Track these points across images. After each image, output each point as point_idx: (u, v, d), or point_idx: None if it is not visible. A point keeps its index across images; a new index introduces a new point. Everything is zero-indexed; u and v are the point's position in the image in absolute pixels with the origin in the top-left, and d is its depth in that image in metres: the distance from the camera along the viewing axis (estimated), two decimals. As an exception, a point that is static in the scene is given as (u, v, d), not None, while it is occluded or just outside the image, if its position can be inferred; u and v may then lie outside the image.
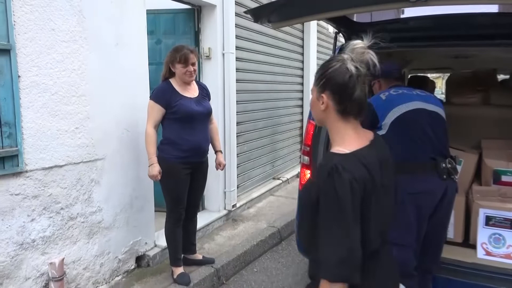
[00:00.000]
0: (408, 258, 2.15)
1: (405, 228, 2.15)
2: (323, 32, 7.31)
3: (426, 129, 2.25)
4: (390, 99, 2.34)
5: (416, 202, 2.15)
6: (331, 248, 1.13)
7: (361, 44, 1.26)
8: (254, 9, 2.38)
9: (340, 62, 1.24)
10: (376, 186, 1.19)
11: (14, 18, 2.23)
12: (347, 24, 2.86)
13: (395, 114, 2.25)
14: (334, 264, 1.11)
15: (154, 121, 2.79)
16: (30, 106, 2.34)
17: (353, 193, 1.12)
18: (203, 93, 2.98)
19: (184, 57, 2.76)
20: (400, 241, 2.10)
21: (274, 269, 3.51)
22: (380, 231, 1.25)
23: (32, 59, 2.33)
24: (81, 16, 2.60)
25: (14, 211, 2.31)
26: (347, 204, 1.11)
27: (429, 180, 2.18)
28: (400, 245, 2.08)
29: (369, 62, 1.24)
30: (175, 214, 2.94)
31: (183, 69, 2.78)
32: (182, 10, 3.99)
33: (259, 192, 5.10)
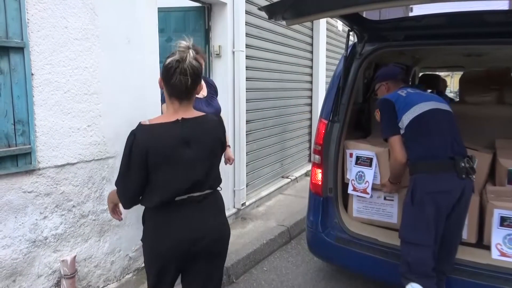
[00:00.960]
0: (427, 258, 2.13)
1: (424, 228, 2.14)
2: (332, 30, 7.27)
3: (444, 128, 2.26)
4: (409, 96, 2.36)
5: (435, 201, 2.14)
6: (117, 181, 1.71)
7: (183, 44, 1.63)
8: (269, 5, 2.37)
9: (173, 56, 1.62)
10: (166, 154, 1.60)
11: (28, 16, 2.23)
12: (360, 22, 2.84)
13: (415, 112, 2.26)
14: (119, 190, 1.73)
15: None
16: (43, 104, 2.35)
17: (131, 152, 1.60)
18: (211, 91, 2.98)
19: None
20: (420, 241, 2.11)
21: (284, 268, 3.50)
22: (172, 190, 1.63)
23: (45, 57, 2.34)
24: (93, 14, 2.60)
25: (27, 208, 2.32)
26: (125, 158, 1.63)
27: (449, 179, 2.17)
28: (420, 245, 2.11)
29: (186, 59, 1.61)
30: None
31: None
32: (193, 8, 3.98)
33: (268, 191, 5.09)
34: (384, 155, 2.65)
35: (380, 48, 2.92)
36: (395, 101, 2.32)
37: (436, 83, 5.50)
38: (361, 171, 2.71)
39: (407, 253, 2.19)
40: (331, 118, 2.92)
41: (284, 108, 5.56)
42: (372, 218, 2.92)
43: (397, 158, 2.30)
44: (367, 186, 2.68)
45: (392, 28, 2.94)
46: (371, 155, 2.68)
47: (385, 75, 2.70)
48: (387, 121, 2.34)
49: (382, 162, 2.66)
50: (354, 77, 2.96)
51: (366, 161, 2.68)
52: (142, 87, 3.02)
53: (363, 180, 2.70)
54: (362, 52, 2.94)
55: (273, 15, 2.47)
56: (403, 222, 2.28)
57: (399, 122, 2.29)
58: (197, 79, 1.67)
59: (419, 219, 2.16)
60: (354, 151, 2.81)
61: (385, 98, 2.40)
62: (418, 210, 2.17)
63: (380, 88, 2.69)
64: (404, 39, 2.84)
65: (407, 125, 2.25)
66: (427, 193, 2.12)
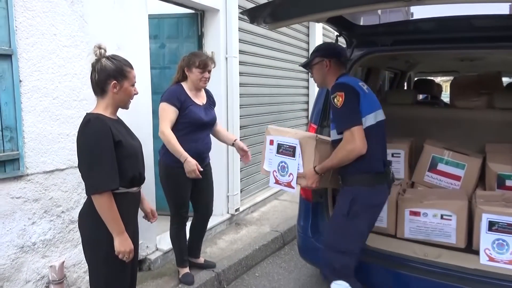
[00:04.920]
0: (352, 264, 2.21)
1: (355, 239, 2.20)
2: (328, 36, 7.29)
3: (383, 139, 2.26)
4: (371, 96, 2.22)
5: (370, 214, 2.22)
6: None
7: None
8: (250, 9, 2.38)
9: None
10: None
11: (16, 23, 2.26)
12: (348, 27, 2.86)
13: (374, 120, 2.16)
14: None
15: (170, 121, 2.71)
16: (31, 110, 2.37)
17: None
18: (210, 101, 3.00)
19: (204, 63, 2.77)
20: (349, 250, 2.18)
21: (276, 274, 3.49)
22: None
23: (33, 64, 2.36)
24: (82, 21, 2.63)
25: (15, 214, 2.33)
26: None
27: (383, 191, 2.25)
28: (348, 253, 2.19)
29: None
30: (177, 218, 2.95)
31: (200, 74, 2.78)
32: (186, 14, 4.02)
33: (263, 196, 5.09)
34: (309, 143, 2.25)
35: (369, 53, 2.93)
36: (360, 94, 2.11)
37: (430, 88, 5.53)
38: (283, 161, 2.32)
39: (335, 260, 2.21)
40: (320, 122, 2.93)
41: (279, 113, 5.57)
42: (362, 223, 2.91)
43: (358, 148, 2.03)
44: (291, 180, 2.30)
45: (380, 33, 2.96)
46: (294, 143, 2.27)
47: (331, 51, 2.31)
48: (353, 109, 2.06)
49: (306, 151, 2.25)
50: (343, 82, 2.97)
51: (289, 150, 2.30)
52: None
53: (286, 172, 2.32)
54: (351, 57, 2.96)
55: (255, 19, 2.47)
56: (334, 231, 2.26)
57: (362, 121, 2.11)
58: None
59: (352, 231, 2.17)
60: (275, 137, 2.42)
61: (351, 85, 2.11)
62: (352, 222, 2.15)
63: (320, 63, 2.29)
64: (392, 44, 2.86)
65: (364, 129, 2.09)
66: (365, 206, 2.13)
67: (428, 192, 2.98)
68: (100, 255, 1.82)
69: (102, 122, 1.76)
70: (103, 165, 1.73)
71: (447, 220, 2.62)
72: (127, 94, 1.88)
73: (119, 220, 1.77)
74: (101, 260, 1.83)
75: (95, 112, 1.82)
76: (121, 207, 1.79)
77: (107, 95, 1.84)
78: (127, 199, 1.87)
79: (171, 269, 3.24)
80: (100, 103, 1.86)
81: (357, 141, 2.03)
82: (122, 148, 1.79)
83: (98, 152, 1.72)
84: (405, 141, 3.30)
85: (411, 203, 2.75)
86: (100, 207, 1.75)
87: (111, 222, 1.76)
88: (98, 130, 1.73)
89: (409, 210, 2.73)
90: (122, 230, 1.79)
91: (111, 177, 1.74)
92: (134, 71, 1.90)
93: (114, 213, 1.76)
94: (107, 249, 1.79)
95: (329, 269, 2.26)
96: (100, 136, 1.73)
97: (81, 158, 1.77)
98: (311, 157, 2.23)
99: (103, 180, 1.72)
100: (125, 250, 1.79)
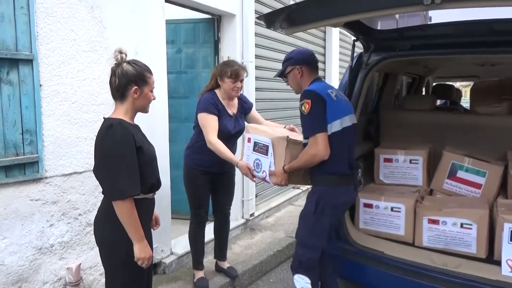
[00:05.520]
0: (317, 258, 2.33)
1: (321, 235, 2.31)
2: (345, 40, 7.25)
3: (349, 143, 2.35)
4: (339, 102, 2.29)
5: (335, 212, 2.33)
6: None
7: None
8: (267, 14, 2.38)
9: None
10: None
11: (37, 29, 2.31)
12: (365, 31, 2.83)
13: (340, 126, 2.23)
14: None
15: (214, 130, 2.70)
16: (51, 114, 2.41)
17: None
18: (241, 109, 2.98)
19: (235, 73, 2.76)
20: (315, 245, 2.31)
21: (290, 280, 3.42)
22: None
23: (53, 69, 2.41)
24: (101, 26, 2.67)
25: (33, 216, 2.37)
26: None
27: (348, 191, 2.35)
28: (314, 248, 2.31)
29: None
30: (196, 218, 2.98)
31: (231, 84, 2.77)
32: (202, 19, 4.05)
33: (278, 202, 5.06)
34: (281, 143, 2.36)
35: (387, 58, 2.90)
36: (327, 102, 2.19)
37: (450, 94, 5.43)
38: (258, 158, 2.47)
39: (302, 255, 2.36)
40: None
41: (295, 118, 5.53)
42: (379, 230, 2.87)
43: (320, 153, 2.16)
44: (265, 176, 2.46)
45: (398, 37, 2.92)
46: (268, 142, 2.40)
47: (302, 58, 2.38)
48: (318, 116, 2.17)
49: (277, 150, 2.38)
50: (360, 87, 2.94)
51: (263, 149, 2.43)
52: (150, 97, 3.06)
53: (260, 169, 2.46)
54: (368, 62, 2.93)
55: (271, 24, 2.47)
56: (303, 228, 2.38)
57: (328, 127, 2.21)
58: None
59: (318, 227, 2.29)
60: (252, 135, 2.54)
61: (318, 93, 2.20)
62: (319, 219, 2.28)
63: (292, 71, 2.38)
64: (410, 49, 2.82)
65: (330, 135, 2.19)
66: (330, 205, 2.26)
67: (447, 200, 2.92)
68: (118, 260, 1.81)
69: (125, 127, 1.75)
70: (126, 170, 1.71)
71: (467, 229, 2.55)
72: (146, 100, 1.87)
73: (139, 226, 1.76)
74: (119, 265, 1.82)
75: (116, 117, 1.80)
76: (140, 213, 1.78)
77: (126, 100, 1.82)
78: (145, 205, 1.87)
79: (186, 273, 3.24)
80: (120, 108, 1.84)
81: (319, 147, 2.16)
82: (142, 154, 1.78)
83: (121, 158, 1.71)
84: (423, 148, 3.24)
85: (430, 211, 2.69)
86: (122, 213, 1.72)
87: (131, 228, 1.74)
88: (121, 135, 1.72)
89: (427, 218, 2.67)
90: (142, 236, 1.78)
91: (134, 183, 1.73)
92: (153, 77, 1.90)
93: (135, 220, 1.74)
94: (125, 254, 1.79)
95: (295, 261, 2.41)
96: (123, 142, 1.72)
97: (104, 163, 1.75)
98: (282, 156, 2.35)
99: (127, 186, 1.71)
100: (145, 257, 1.78)
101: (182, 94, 4.17)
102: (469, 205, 2.71)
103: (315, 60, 2.41)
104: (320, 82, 2.38)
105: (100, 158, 1.77)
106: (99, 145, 1.77)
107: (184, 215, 4.06)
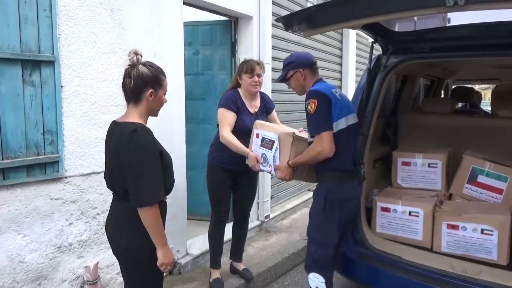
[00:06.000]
0: (329, 255, 2.36)
1: (331, 230, 2.33)
2: (362, 42, 7.19)
3: (353, 140, 2.43)
4: (342, 102, 2.34)
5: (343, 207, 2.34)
6: None
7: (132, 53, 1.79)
8: (285, 16, 2.38)
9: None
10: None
11: (59, 31, 2.36)
12: (384, 33, 2.80)
13: (344, 124, 2.30)
14: None
15: (229, 125, 2.79)
16: (71, 115, 2.46)
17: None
18: (263, 108, 3.03)
19: (250, 67, 2.85)
20: (326, 241, 2.34)
21: (306, 284, 3.40)
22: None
23: (74, 70, 2.45)
24: (121, 28, 2.70)
25: (53, 215, 2.42)
26: None
27: (353, 187, 2.41)
28: (325, 245, 2.34)
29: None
30: (215, 215, 3.03)
31: (249, 79, 2.85)
32: (220, 21, 4.07)
33: (293, 204, 5.04)
34: (287, 139, 2.47)
35: (406, 60, 2.85)
36: (332, 102, 2.26)
37: (470, 96, 5.32)
38: (264, 153, 2.58)
39: (314, 251, 2.39)
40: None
41: (311, 120, 5.51)
42: (396, 234, 2.82)
43: (325, 151, 2.23)
44: (271, 170, 2.58)
45: (418, 39, 2.87)
46: (274, 138, 2.52)
47: (303, 62, 2.44)
48: (324, 115, 2.24)
49: (283, 146, 2.49)
50: (378, 90, 2.91)
51: (269, 144, 2.55)
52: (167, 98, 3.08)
53: (267, 163, 2.58)
54: (387, 64, 2.89)
55: (290, 26, 2.47)
56: (313, 224, 2.41)
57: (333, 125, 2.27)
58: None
59: (328, 223, 2.33)
60: (260, 131, 2.66)
61: (324, 93, 2.26)
62: (329, 215, 2.32)
63: (295, 75, 2.44)
64: (431, 51, 2.77)
65: (335, 133, 2.26)
66: (337, 200, 2.30)
67: (467, 205, 2.86)
68: (141, 267, 1.79)
69: (149, 133, 1.72)
70: (154, 176, 1.69)
71: (488, 235, 2.49)
72: (159, 103, 1.84)
73: (163, 231, 1.75)
74: (141, 273, 1.80)
75: (135, 121, 1.74)
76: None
77: (141, 103, 1.77)
78: (163, 208, 1.84)
79: (201, 274, 3.26)
80: (133, 111, 1.78)
81: (325, 145, 2.23)
82: (163, 159, 1.76)
83: (149, 164, 1.68)
84: (442, 151, 3.18)
85: (449, 216, 2.64)
86: (150, 219, 1.69)
87: (158, 234, 1.72)
88: (147, 141, 1.70)
89: (446, 223, 2.62)
90: (166, 241, 1.76)
91: (160, 188, 1.71)
92: (167, 80, 1.87)
93: (160, 225, 1.72)
94: (148, 261, 1.77)
95: (309, 260, 2.44)
96: (149, 148, 1.70)
97: (130, 169, 1.68)
98: (287, 152, 2.45)
99: (156, 192, 1.69)
100: (168, 262, 1.76)
101: (199, 96, 4.20)
102: (490, 211, 2.65)
103: (315, 62, 2.48)
104: (323, 83, 2.44)
105: (125, 164, 1.70)
106: (123, 150, 1.70)
107: (200, 216, 4.10)
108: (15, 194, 2.24)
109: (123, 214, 1.80)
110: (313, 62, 2.45)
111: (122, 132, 1.72)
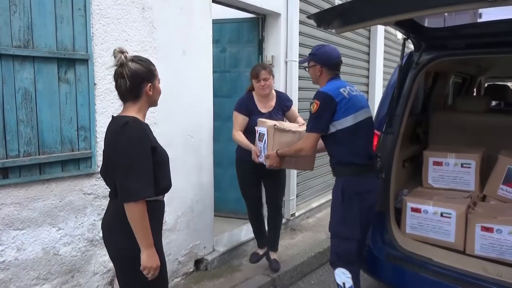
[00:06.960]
0: (353, 249, 2.36)
1: (352, 224, 2.34)
2: (390, 39, 7.05)
3: (367, 134, 2.46)
4: (351, 99, 2.34)
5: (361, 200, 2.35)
6: None
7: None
8: (317, 13, 2.36)
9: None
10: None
11: (93, 30, 2.41)
12: (417, 29, 2.73)
13: (353, 121, 2.32)
14: None
15: (239, 126, 3.08)
16: (103, 112, 2.51)
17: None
18: (278, 106, 3.16)
19: (255, 73, 3.05)
20: (348, 235, 2.35)
21: (332, 283, 3.39)
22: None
23: (107, 68, 2.50)
24: (152, 27, 2.74)
25: (86, 209, 2.48)
26: None
27: (370, 180, 2.42)
28: (348, 239, 2.35)
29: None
30: (247, 202, 3.29)
31: (256, 83, 3.05)
32: (247, 19, 4.06)
33: (319, 202, 5.00)
34: (270, 131, 2.73)
35: (439, 57, 2.78)
36: (338, 102, 2.29)
37: (504, 94, 5.14)
38: (260, 146, 2.84)
39: (337, 246, 2.42)
40: (384, 129, 2.83)
41: (338, 118, 5.45)
42: (427, 236, 2.76)
43: (305, 149, 2.43)
44: (263, 160, 2.83)
45: (452, 36, 2.79)
46: (263, 131, 2.78)
47: (325, 60, 2.44)
48: (322, 118, 2.31)
49: (269, 137, 2.74)
50: (410, 87, 2.84)
51: (262, 137, 2.81)
52: (196, 96, 3.12)
53: (262, 154, 2.84)
54: (419, 61, 2.82)
55: (322, 23, 2.45)
56: (334, 219, 2.44)
57: (335, 121, 2.30)
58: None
59: (348, 216, 2.34)
60: (258, 128, 2.90)
61: (329, 95, 2.30)
62: (348, 208, 2.34)
63: (313, 67, 2.48)
64: (465, 48, 2.69)
65: (342, 129, 2.31)
66: (355, 193, 2.32)
67: (502, 207, 2.76)
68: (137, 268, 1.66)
69: (140, 126, 1.67)
70: (141, 171, 1.62)
71: (525, 239, 2.40)
72: (158, 93, 1.82)
73: (149, 232, 1.64)
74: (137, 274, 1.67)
75: (130, 115, 1.70)
76: (151, 216, 1.66)
77: (141, 99, 1.74)
78: (156, 207, 1.76)
79: (227, 270, 3.28)
80: (131, 107, 1.74)
81: (307, 144, 2.40)
82: (156, 155, 1.70)
83: (136, 157, 1.61)
84: (476, 151, 3.08)
85: (483, 218, 2.56)
86: (134, 217, 1.60)
87: (141, 233, 1.62)
88: (137, 133, 1.64)
89: (480, 225, 2.54)
90: (151, 243, 1.65)
91: (148, 184, 1.63)
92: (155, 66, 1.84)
93: (146, 224, 1.62)
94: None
95: (333, 255, 2.47)
96: (139, 140, 1.63)
97: (118, 162, 1.64)
98: (271, 142, 2.73)
99: (141, 187, 1.60)
100: (152, 266, 1.64)
101: (226, 93, 4.21)
102: (527, 214, 2.55)
103: (337, 63, 2.46)
104: (335, 82, 2.44)
105: (115, 157, 1.66)
106: (113, 143, 1.67)
107: (227, 213, 4.12)
108: (50, 188, 2.31)
109: (115, 214, 1.73)
110: (334, 64, 2.43)
111: (114, 125, 1.70)
